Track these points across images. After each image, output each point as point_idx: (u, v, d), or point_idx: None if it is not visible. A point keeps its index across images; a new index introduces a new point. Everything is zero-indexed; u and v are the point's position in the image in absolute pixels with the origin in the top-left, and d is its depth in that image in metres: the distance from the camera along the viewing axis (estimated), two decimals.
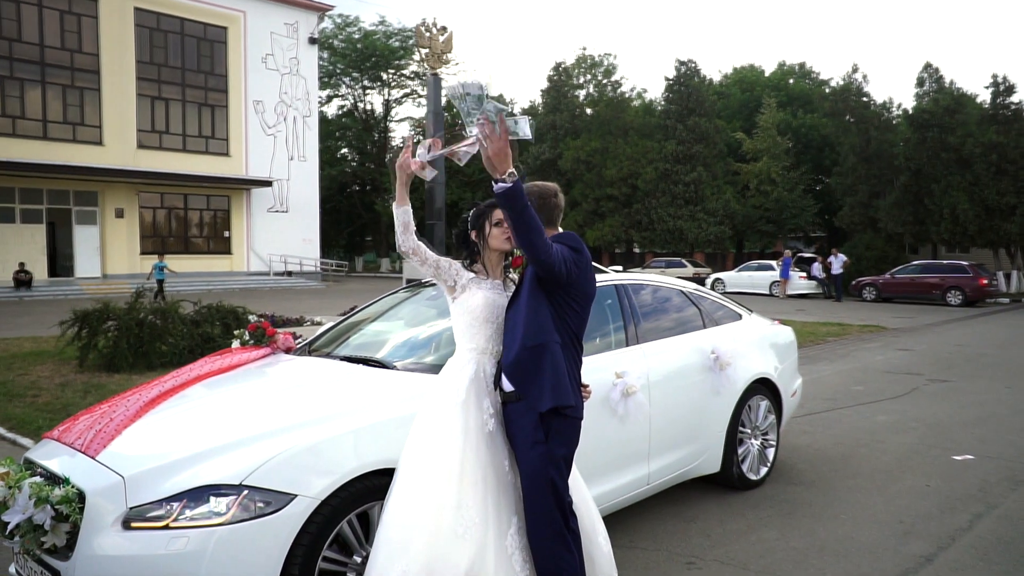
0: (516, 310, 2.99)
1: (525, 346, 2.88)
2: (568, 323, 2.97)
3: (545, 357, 2.87)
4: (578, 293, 2.97)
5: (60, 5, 28.05)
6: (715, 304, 5.34)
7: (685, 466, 4.68)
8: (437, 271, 3.12)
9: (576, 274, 2.90)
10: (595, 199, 38.52)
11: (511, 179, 2.63)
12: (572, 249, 2.92)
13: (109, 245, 29.42)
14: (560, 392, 2.86)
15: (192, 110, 31.92)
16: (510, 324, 3.01)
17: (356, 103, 53.31)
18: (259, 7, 33.26)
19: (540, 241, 2.70)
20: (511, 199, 2.62)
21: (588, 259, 3.01)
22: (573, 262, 2.89)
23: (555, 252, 2.77)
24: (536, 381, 2.87)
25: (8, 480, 2.90)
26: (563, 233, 3.01)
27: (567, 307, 2.95)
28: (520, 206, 2.63)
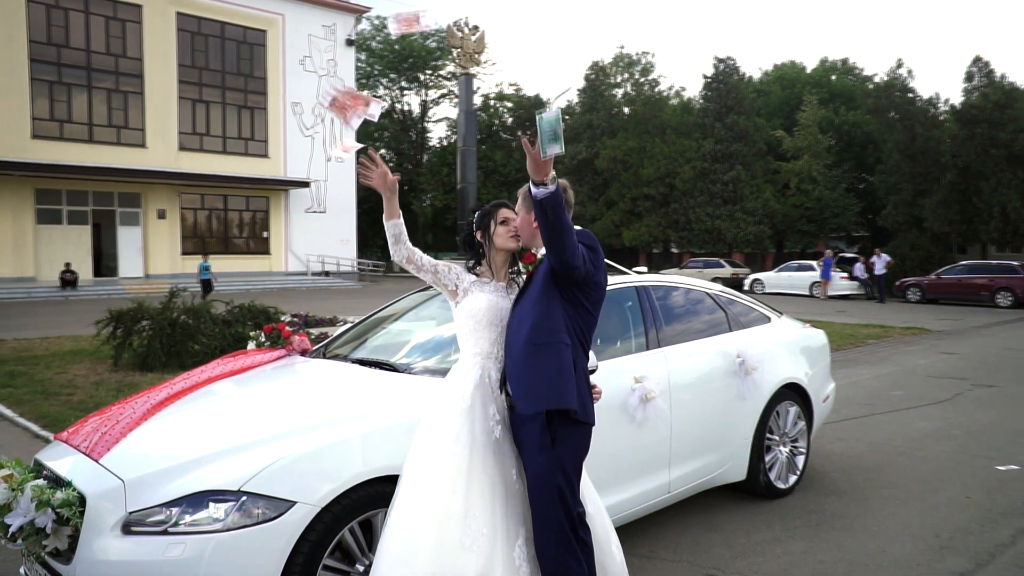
0: (522, 306, 2.91)
1: (531, 342, 2.78)
2: (579, 323, 2.87)
3: (550, 356, 2.77)
4: (592, 292, 2.88)
5: (106, 11, 28.69)
6: (742, 306, 5.17)
7: (709, 474, 4.53)
8: (436, 276, 3.05)
9: (592, 273, 2.83)
10: (632, 199, 38.18)
11: (553, 183, 2.57)
12: (589, 248, 2.84)
13: (151, 245, 30.01)
14: (559, 394, 2.74)
15: (232, 112, 32.40)
16: (515, 321, 2.92)
17: (394, 104, 53.64)
18: (297, 10, 33.64)
19: (571, 242, 2.67)
20: (553, 204, 2.57)
21: (603, 257, 2.93)
22: (590, 260, 2.81)
23: (579, 252, 2.72)
24: (532, 380, 2.77)
25: (12, 482, 2.88)
26: (579, 231, 2.91)
27: (579, 306, 2.86)
28: (560, 210, 2.59)
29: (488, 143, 48.37)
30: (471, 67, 13.54)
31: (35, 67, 27.04)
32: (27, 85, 26.78)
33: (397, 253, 3.00)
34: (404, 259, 3.00)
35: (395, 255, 3.01)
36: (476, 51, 13.70)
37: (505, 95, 49.60)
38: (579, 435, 2.87)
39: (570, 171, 41.04)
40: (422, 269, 3.03)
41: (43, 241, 27.45)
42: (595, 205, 40.00)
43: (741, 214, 35.77)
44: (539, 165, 2.54)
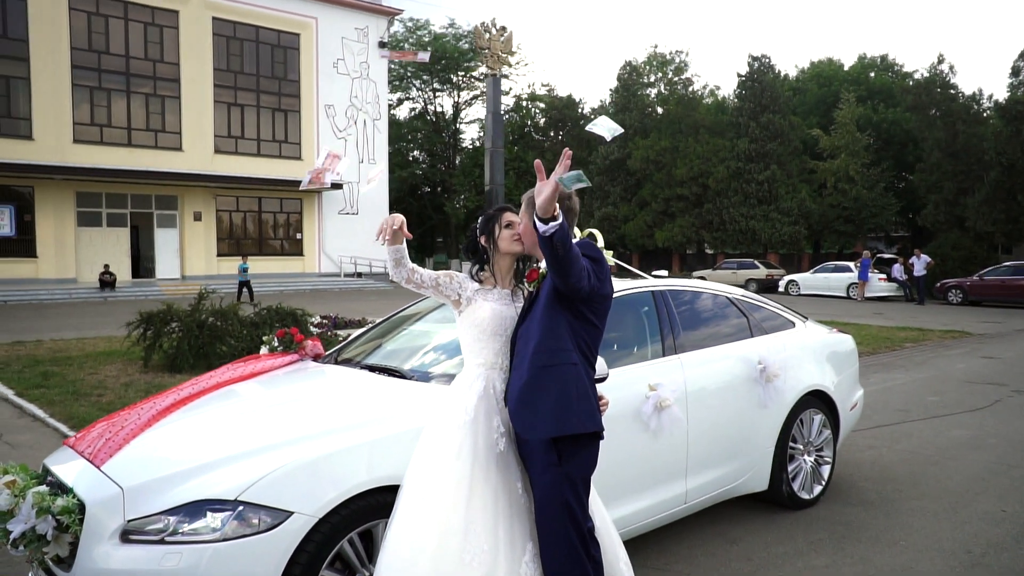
0: (528, 325, 2.82)
1: (535, 364, 2.71)
2: (585, 336, 2.79)
3: (556, 379, 2.69)
4: (598, 305, 2.79)
5: (144, 18, 29.21)
6: (765, 311, 5.03)
7: (728, 484, 4.41)
8: (437, 289, 2.96)
9: (598, 287, 2.73)
10: (665, 199, 37.86)
11: (559, 219, 2.48)
12: (592, 260, 2.74)
13: (188, 247, 30.49)
14: (567, 420, 2.66)
15: (266, 115, 32.79)
16: (521, 340, 2.83)
17: (426, 106, 53.89)
18: (330, 13, 33.92)
19: (577, 269, 2.58)
20: (562, 237, 2.48)
21: (607, 268, 2.84)
22: (594, 274, 2.72)
23: (584, 275, 2.63)
24: (540, 406, 2.68)
25: (14, 488, 2.89)
26: (581, 242, 2.83)
27: (584, 319, 2.77)
28: (569, 242, 2.51)
29: (520, 144, 48.34)
30: (499, 68, 13.48)
31: (76, 73, 27.64)
32: (69, 91, 27.39)
33: (397, 275, 2.92)
34: (404, 280, 2.93)
35: (395, 276, 2.94)
36: (504, 52, 13.64)
37: (538, 96, 49.53)
38: (586, 450, 2.78)
39: (602, 171, 40.86)
40: (422, 286, 2.94)
41: (84, 243, 28.04)
42: (628, 206, 39.74)
43: (776, 214, 35.24)
44: (547, 203, 2.44)
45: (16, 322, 17.40)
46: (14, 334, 14.44)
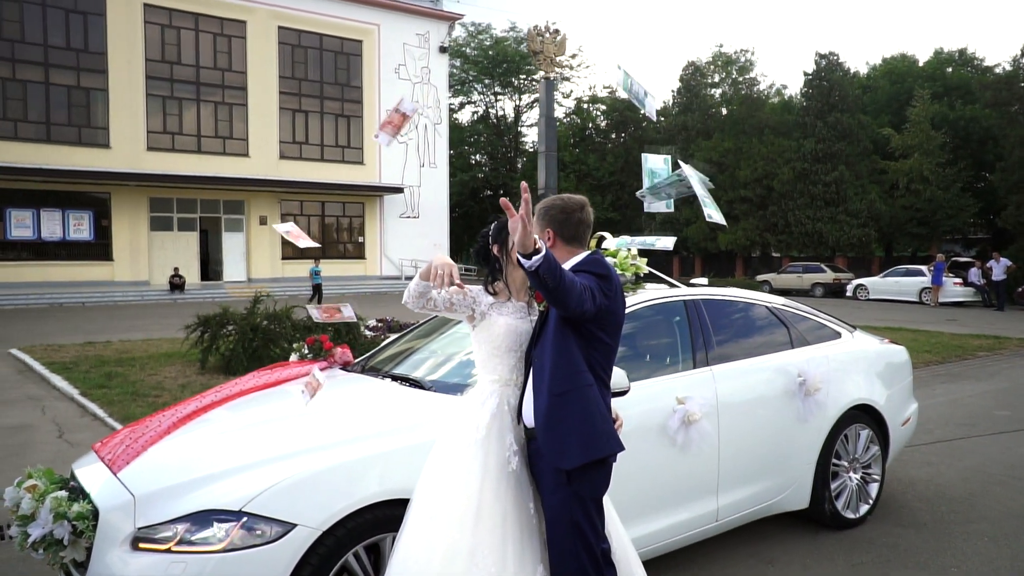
0: (541, 349, 2.72)
1: (552, 392, 2.63)
2: (597, 355, 2.69)
3: (572, 405, 2.61)
4: (608, 322, 2.68)
5: (213, 28, 30.16)
6: (808, 321, 4.81)
7: (765, 501, 4.23)
8: (451, 307, 2.86)
9: (606, 304, 2.61)
10: (728, 201, 37.07)
11: (541, 252, 2.32)
12: (599, 277, 2.62)
13: (253, 251, 31.32)
14: (592, 445, 2.60)
15: (329, 121, 33.44)
16: (536, 362, 2.75)
17: (488, 109, 54.15)
18: (392, 20, 34.40)
19: (575, 297, 2.45)
20: (548, 270, 2.33)
21: (617, 284, 2.71)
22: (601, 292, 2.59)
23: (586, 298, 2.49)
24: (561, 435, 2.61)
25: (35, 493, 2.96)
26: (588, 258, 2.72)
27: (594, 338, 2.67)
28: (557, 273, 2.36)
29: (581, 147, 48.12)
30: (552, 71, 13.42)
31: (150, 84, 28.70)
32: (143, 101, 28.47)
33: (415, 305, 2.86)
34: (420, 308, 2.88)
35: (412, 306, 2.87)
36: (557, 55, 13.56)
37: (599, 98, 49.21)
38: (597, 470, 2.69)
39: None
40: (437, 308, 2.86)
41: (156, 247, 29.09)
42: (689, 209, 39.05)
43: (844, 216, 34.12)
44: (526, 236, 2.30)
45: (90, 323, 18.15)
46: (87, 335, 15.05)
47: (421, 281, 2.83)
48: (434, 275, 2.70)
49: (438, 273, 2.69)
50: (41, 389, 9.65)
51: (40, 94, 26.70)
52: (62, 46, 26.99)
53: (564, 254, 2.77)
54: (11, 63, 26.07)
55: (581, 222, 2.79)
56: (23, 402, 8.84)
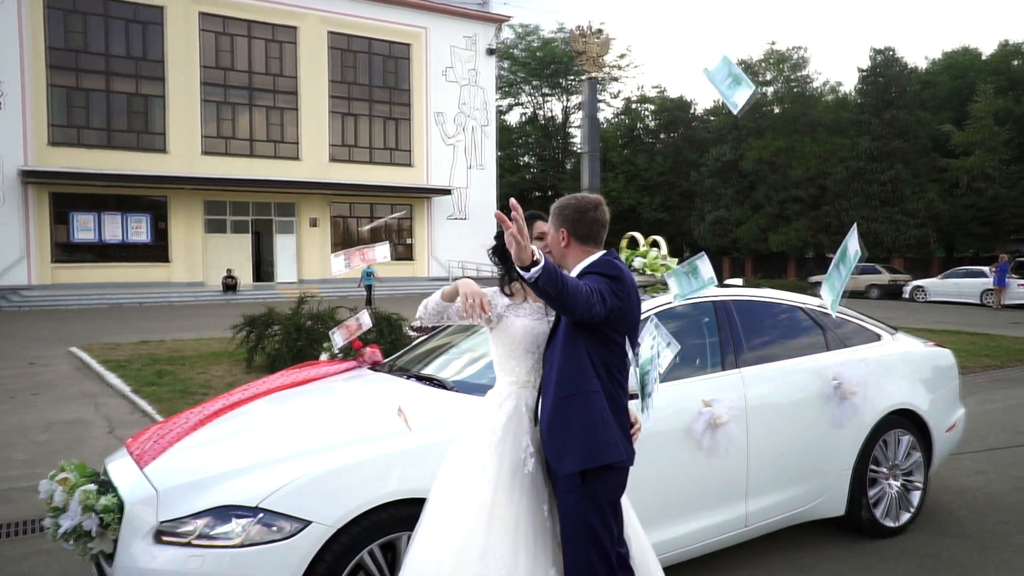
0: (552, 351, 2.71)
1: (557, 395, 2.62)
2: (612, 358, 2.65)
3: (576, 410, 2.59)
4: (621, 323, 2.64)
5: (266, 35, 30.85)
6: (845, 323, 4.67)
7: (797, 507, 4.13)
8: (466, 316, 2.83)
9: (617, 306, 2.57)
10: (779, 201, 36.40)
11: (540, 263, 2.28)
12: (610, 278, 2.59)
13: (304, 252, 31.91)
14: (590, 452, 2.57)
15: (378, 124, 33.88)
16: (546, 365, 2.74)
17: (536, 111, 54.16)
18: (440, 23, 34.67)
19: (581, 302, 2.42)
20: (548, 279, 2.30)
21: (629, 284, 2.66)
22: (612, 293, 2.56)
23: (594, 302, 2.46)
24: (561, 439, 2.60)
25: (67, 486, 3.05)
26: (599, 259, 2.68)
27: (609, 340, 2.63)
28: (558, 280, 2.32)
29: (631, 147, 47.79)
30: (595, 71, 13.32)
31: (205, 90, 29.49)
32: (199, 107, 29.26)
33: (431, 321, 2.91)
34: (434, 323, 2.92)
35: (429, 323, 2.93)
36: (600, 54, 13.47)
37: (648, 97, 48.80)
38: (611, 475, 2.65)
39: (714, 173, 39.78)
40: (451, 320, 2.88)
41: (210, 248, 29.85)
42: (740, 209, 38.48)
43: (901, 216, 33.16)
44: (521, 250, 2.26)
45: (146, 323, 18.71)
46: (142, 334, 15.52)
47: (442, 301, 2.85)
48: (465, 305, 2.69)
49: (468, 303, 2.68)
50: (96, 386, 9.98)
51: (102, 102, 27.66)
52: (122, 55, 27.93)
53: (579, 254, 2.75)
54: (75, 73, 27.06)
55: (595, 221, 2.76)
56: (79, 398, 9.15)
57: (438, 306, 2.85)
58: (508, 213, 2.31)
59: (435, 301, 2.86)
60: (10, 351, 13.50)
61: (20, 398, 9.19)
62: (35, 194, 26.18)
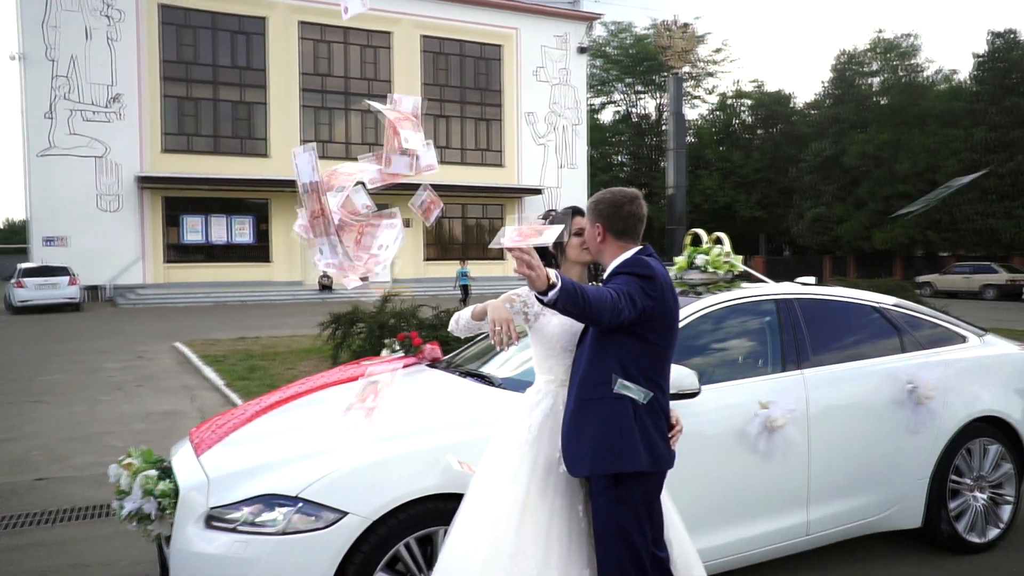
0: (580, 351, 2.68)
1: (579, 397, 2.59)
2: (646, 359, 2.58)
3: (598, 413, 2.55)
4: (657, 323, 2.57)
5: (361, 41, 31.79)
6: (924, 324, 4.40)
7: (866, 517, 3.92)
8: (509, 299, 2.86)
9: (650, 306, 2.51)
10: (884, 197, 34.64)
11: (557, 285, 2.24)
12: (641, 277, 2.52)
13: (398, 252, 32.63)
14: (604, 458, 2.52)
15: (470, 125, 34.33)
16: (575, 367, 2.70)
17: (629, 108, 53.56)
18: (531, 23, 34.81)
19: (607, 312, 2.37)
20: (569, 300, 2.26)
21: (663, 282, 2.57)
22: (644, 294, 2.49)
23: (621, 308, 2.39)
24: (577, 441, 2.57)
25: (131, 470, 3.23)
26: (629, 258, 2.62)
27: (644, 341, 2.56)
28: (580, 299, 2.28)
29: (727, 143, 46.60)
30: (680, 66, 13.07)
31: (304, 95, 30.64)
32: (298, 112, 30.44)
33: (462, 335, 3.00)
34: (467, 335, 2.99)
35: (461, 335, 3.02)
36: (687, 49, 13.20)
37: (744, 92, 47.44)
38: (644, 480, 2.59)
39: (814, 169, 38.31)
40: (483, 329, 2.89)
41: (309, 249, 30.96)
42: (842, 206, 36.88)
43: (1022, 211, 30.96)
44: (535, 280, 2.22)
45: (246, 320, 19.59)
46: (240, 331, 16.26)
47: (472, 320, 2.87)
48: (492, 333, 2.68)
49: (495, 329, 2.67)
50: (194, 379, 10.53)
51: (209, 110, 29.17)
52: (228, 65, 29.37)
53: (615, 249, 2.69)
54: (185, 83, 28.64)
55: (631, 215, 2.69)
56: (177, 390, 9.68)
57: (469, 324, 2.89)
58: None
59: (466, 319, 2.89)
60: (122, 346, 14.43)
61: (126, 389, 9.80)
62: (150, 199, 27.85)
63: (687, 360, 3.51)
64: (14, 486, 5.80)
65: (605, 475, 2.57)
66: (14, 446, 6.98)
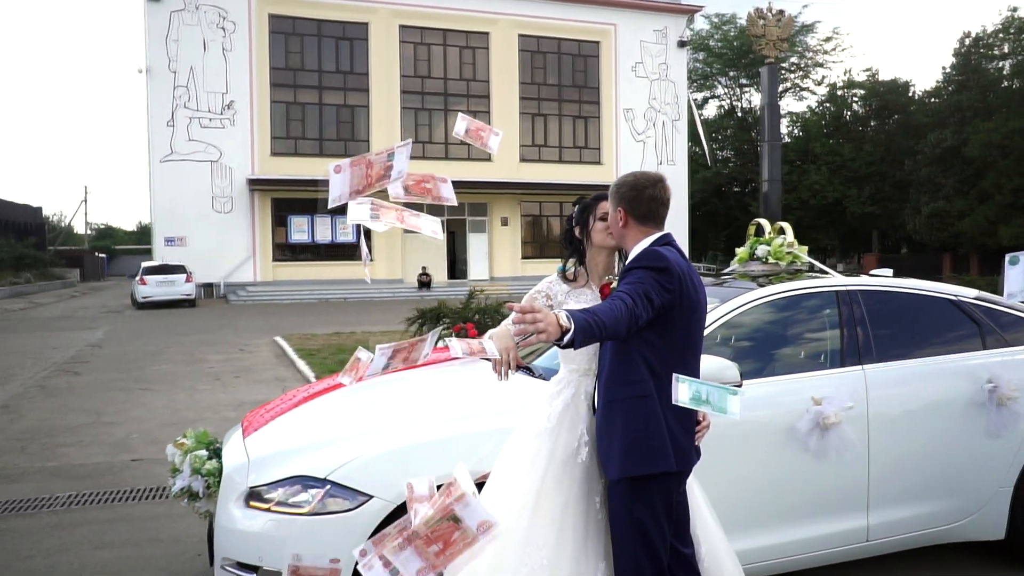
0: (605, 347, 2.61)
1: (605, 399, 2.54)
2: (668, 355, 2.49)
3: (622, 415, 2.48)
4: (677, 316, 2.48)
5: (459, 42, 32.28)
6: (1009, 318, 4.05)
7: (938, 525, 3.65)
8: (532, 301, 2.82)
9: (668, 299, 2.42)
10: (1012, 190, 32.20)
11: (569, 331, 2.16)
12: (655, 271, 2.42)
13: (495, 250, 32.99)
14: (631, 461, 2.45)
15: (567, 123, 34.26)
16: (600, 364, 2.64)
17: (733, 103, 52.07)
18: (629, 18, 34.39)
19: (625, 328, 2.29)
20: (587, 336, 2.20)
21: (679, 272, 2.46)
22: (661, 287, 2.40)
23: (638, 314, 2.31)
24: (606, 443, 2.52)
25: (183, 449, 3.40)
26: (644, 251, 2.52)
27: (667, 335, 2.48)
28: (599, 330, 2.21)
29: (836, 136, 44.55)
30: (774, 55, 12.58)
31: (404, 97, 31.41)
32: (398, 114, 31.23)
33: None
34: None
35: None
36: (781, 37, 12.70)
37: (856, 82, 45.17)
38: (662, 481, 2.51)
39: (932, 161, 36.07)
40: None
41: (408, 248, 31.72)
42: (964, 200, 34.53)
43: None
44: (546, 337, 2.13)
45: (345, 316, 20.28)
46: (337, 326, 16.84)
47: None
48: (495, 364, 2.63)
49: (497, 360, 2.62)
50: (288, 371, 10.99)
51: (315, 114, 30.37)
52: (332, 70, 30.47)
53: (637, 234, 2.61)
54: (292, 89, 29.92)
55: (654, 199, 2.60)
56: (271, 382, 10.13)
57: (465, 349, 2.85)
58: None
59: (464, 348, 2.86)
60: (227, 339, 15.22)
61: (223, 380, 10.34)
62: (259, 200, 29.25)
63: (732, 353, 3.39)
64: (112, 465, 6.23)
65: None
66: (117, 429, 7.48)
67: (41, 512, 5.11)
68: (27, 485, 5.73)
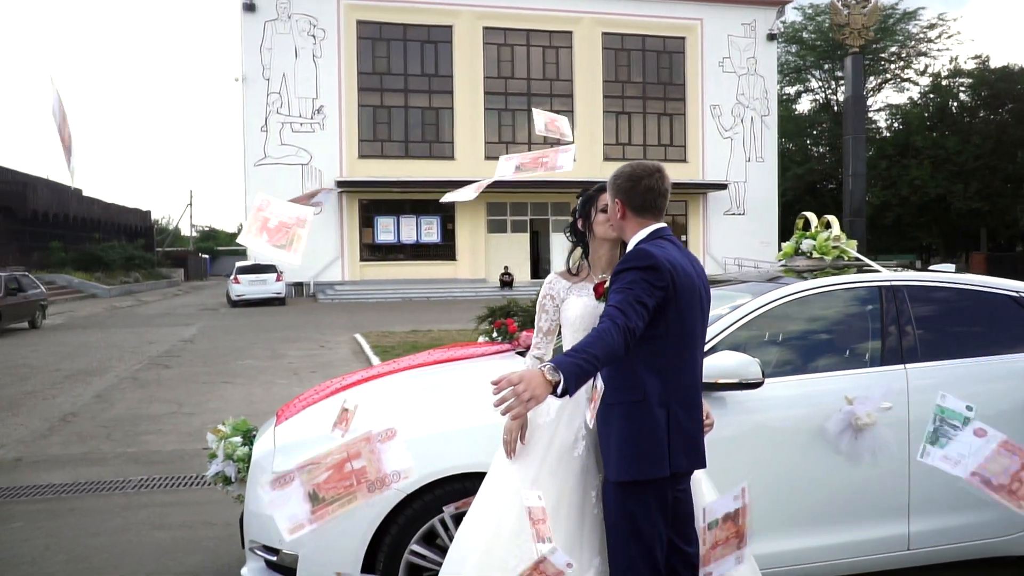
0: None
1: (605, 403, 2.47)
2: (666, 354, 2.44)
3: (617, 419, 2.45)
4: (672, 314, 2.42)
5: (543, 42, 32.35)
6: None
7: (986, 537, 3.43)
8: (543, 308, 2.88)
9: (661, 296, 2.36)
10: None
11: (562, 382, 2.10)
12: (643, 270, 2.36)
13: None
14: (626, 465, 2.42)
15: (652, 120, 33.82)
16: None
17: (828, 96, 50.12)
18: (715, 12, 33.65)
19: (622, 345, 2.22)
20: (581, 378, 2.15)
21: (670, 268, 2.38)
22: (651, 288, 2.34)
23: (632, 327, 2.24)
24: (604, 446, 2.51)
25: (219, 435, 3.56)
26: (631, 252, 2.48)
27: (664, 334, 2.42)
28: (592, 365, 2.16)
29: (940, 128, 42.22)
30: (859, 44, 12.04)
31: (487, 99, 31.73)
32: (482, 115, 31.59)
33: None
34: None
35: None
36: (867, 25, 12.14)
37: (963, 71, 42.68)
38: (659, 483, 2.46)
39: None
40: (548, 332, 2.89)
41: (492, 247, 32.04)
42: None
43: None
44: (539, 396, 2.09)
45: (426, 314, 20.64)
46: (416, 324, 17.17)
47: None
48: (507, 448, 2.65)
49: (504, 439, 2.65)
50: (363, 367, 11.28)
51: (401, 117, 31.08)
52: (417, 73, 31.11)
53: (635, 226, 2.57)
54: (379, 92, 30.72)
55: (650, 189, 2.54)
56: None
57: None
58: None
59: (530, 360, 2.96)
60: (310, 336, 15.76)
61: (300, 375, 10.71)
62: (347, 201, 30.15)
63: (759, 350, 3.29)
64: (183, 452, 6.57)
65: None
66: (194, 419, 7.88)
67: (114, 493, 5.45)
68: (107, 468, 6.12)
